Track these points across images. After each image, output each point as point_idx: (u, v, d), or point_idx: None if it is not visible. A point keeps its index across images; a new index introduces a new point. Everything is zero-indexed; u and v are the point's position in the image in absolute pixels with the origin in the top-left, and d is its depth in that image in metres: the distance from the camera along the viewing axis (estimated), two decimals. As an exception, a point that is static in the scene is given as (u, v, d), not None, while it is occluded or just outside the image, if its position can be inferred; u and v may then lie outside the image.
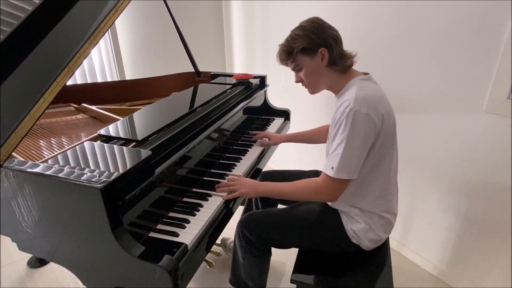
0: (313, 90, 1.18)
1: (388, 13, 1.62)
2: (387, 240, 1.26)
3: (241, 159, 1.46)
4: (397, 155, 1.17)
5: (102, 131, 1.11)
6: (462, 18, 1.34)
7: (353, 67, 1.14)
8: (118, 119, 1.40)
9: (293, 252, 1.25)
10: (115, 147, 1.01)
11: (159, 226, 1.01)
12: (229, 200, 1.17)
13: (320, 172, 1.25)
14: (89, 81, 2.62)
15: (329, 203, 1.21)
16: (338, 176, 1.03)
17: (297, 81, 1.18)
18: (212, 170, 1.35)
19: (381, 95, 1.07)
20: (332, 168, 1.03)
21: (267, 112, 2.01)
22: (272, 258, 1.35)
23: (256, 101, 1.87)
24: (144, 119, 1.27)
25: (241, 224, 1.26)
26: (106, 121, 1.54)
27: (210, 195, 1.17)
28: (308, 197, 1.16)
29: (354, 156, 1.01)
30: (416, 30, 1.52)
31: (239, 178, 1.23)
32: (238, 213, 1.29)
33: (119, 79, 2.76)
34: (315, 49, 1.07)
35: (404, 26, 1.56)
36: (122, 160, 0.94)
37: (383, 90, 1.13)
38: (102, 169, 0.89)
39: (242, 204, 1.60)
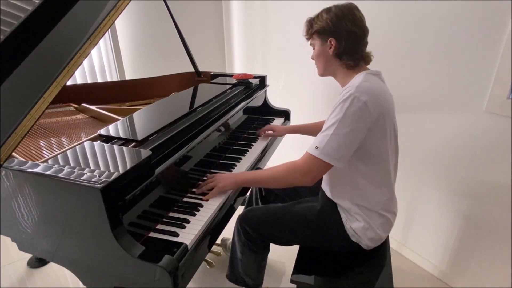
0: (320, 72, 1.19)
1: (388, 13, 1.62)
2: (387, 240, 1.26)
3: (241, 159, 1.46)
4: (397, 156, 1.17)
5: (102, 131, 1.11)
6: (462, 18, 1.34)
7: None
8: (118, 119, 1.40)
9: (293, 252, 1.25)
10: (115, 147, 1.01)
11: (159, 226, 1.01)
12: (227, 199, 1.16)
13: None
14: (89, 81, 2.62)
15: (330, 197, 1.18)
16: (321, 156, 1.01)
17: (312, 58, 1.19)
18: (212, 170, 1.35)
19: (384, 93, 1.07)
20: (317, 147, 1.02)
21: (267, 112, 2.01)
22: (272, 257, 1.35)
23: (256, 101, 1.87)
24: (144, 119, 1.27)
25: (241, 220, 1.26)
26: (106, 121, 1.54)
27: (210, 195, 1.17)
28: (284, 177, 1.10)
29: (342, 141, 0.99)
30: (415, 30, 1.52)
31: (215, 175, 1.23)
32: (238, 213, 1.29)
33: (119, 79, 2.76)
34: (327, 36, 1.09)
35: (404, 26, 1.56)
36: (122, 160, 0.94)
37: (389, 90, 1.13)
38: (102, 169, 0.89)
39: (242, 204, 1.60)
